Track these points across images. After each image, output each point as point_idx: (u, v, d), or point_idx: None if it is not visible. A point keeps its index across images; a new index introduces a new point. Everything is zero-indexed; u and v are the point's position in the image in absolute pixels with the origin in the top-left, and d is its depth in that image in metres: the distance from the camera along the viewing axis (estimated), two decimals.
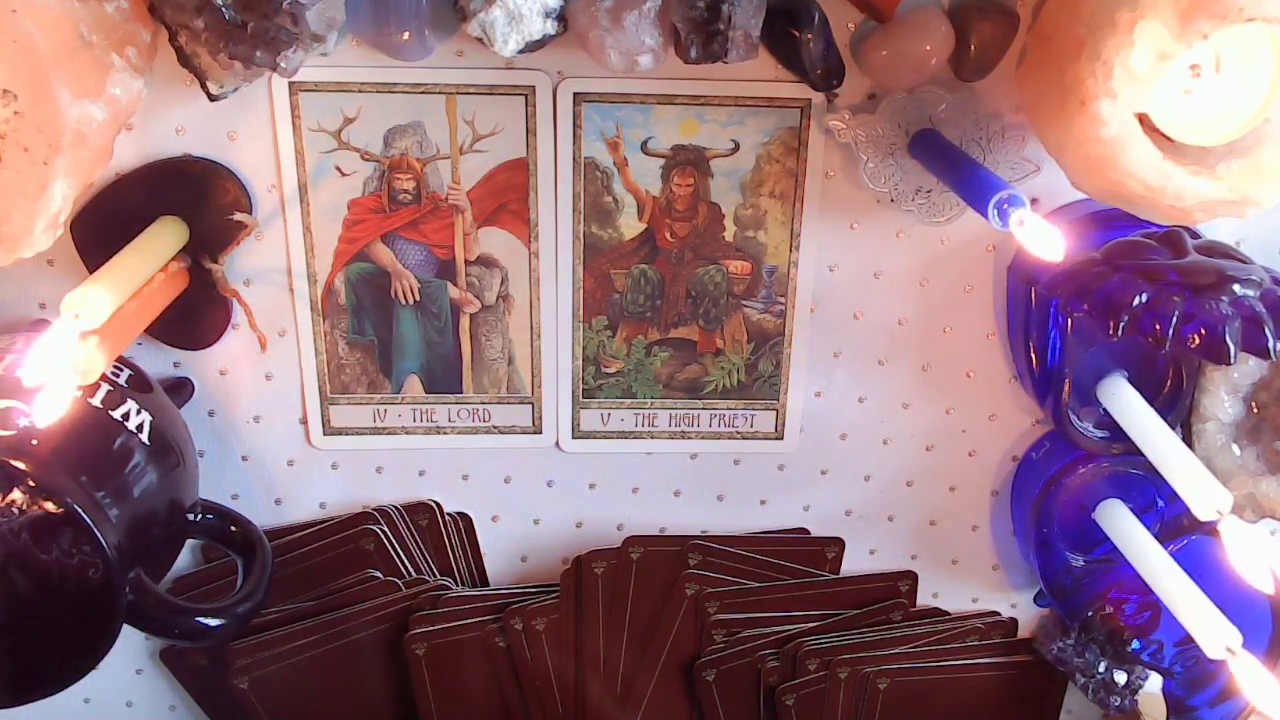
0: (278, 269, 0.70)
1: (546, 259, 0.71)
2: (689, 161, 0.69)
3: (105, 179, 0.66)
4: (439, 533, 0.77)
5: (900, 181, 0.67)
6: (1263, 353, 0.59)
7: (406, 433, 0.75)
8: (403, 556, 0.77)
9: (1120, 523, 0.74)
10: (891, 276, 0.72)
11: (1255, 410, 0.72)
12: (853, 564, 0.81)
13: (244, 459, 0.75)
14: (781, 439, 0.76)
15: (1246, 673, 0.63)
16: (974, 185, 0.59)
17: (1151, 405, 0.69)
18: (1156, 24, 0.53)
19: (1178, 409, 0.72)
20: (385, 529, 0.76)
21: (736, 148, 0.68)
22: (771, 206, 0.70)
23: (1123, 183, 0.57)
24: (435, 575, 0.78)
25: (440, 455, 0.76)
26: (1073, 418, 0.72)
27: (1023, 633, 0.84)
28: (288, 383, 0.73)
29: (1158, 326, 0.59)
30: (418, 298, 0.71)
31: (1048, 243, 0.54)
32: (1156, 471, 0.67)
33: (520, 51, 0.60)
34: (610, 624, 0.79)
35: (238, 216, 0.66)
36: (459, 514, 0.78)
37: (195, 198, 0.66)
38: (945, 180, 0.63)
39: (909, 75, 0.64)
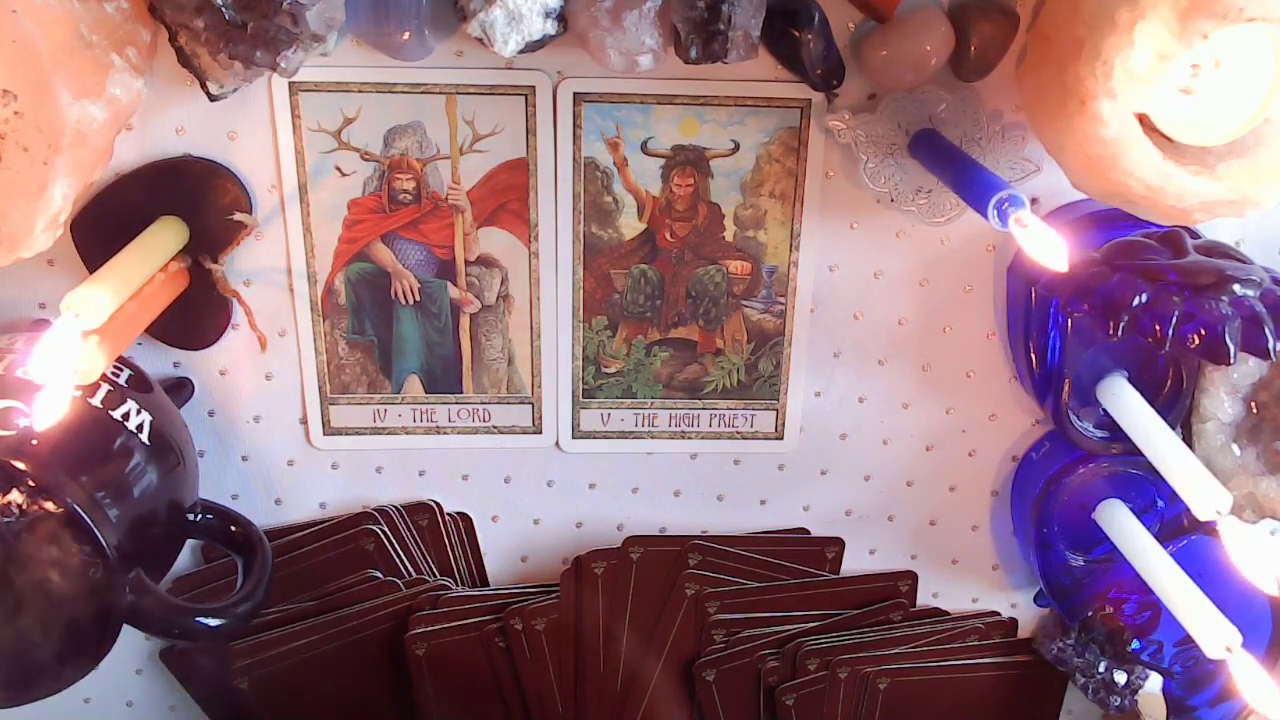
0: (278, 269, 0.70)
1: (546, 259, 0.71)
2: (689, 161, 0.69)
3: (105, 179, 0.66)
4: (439, 533, 0.77)
5: (900, 181, 0.67)
6: (1263, 353, 0.59)
7: (406, 433, 0.75)
8: (403, 556, 0.77)
9: (1120, 523, 0.74)
10: (891, 276, 0.72)
11: (1255, 410, 0.72)
12: (853, 564, 0.81)
13: (244, 459, 0.75)
14: (781, 439, 0.76)
15: (1245, 673, 0.63)
16: (974, 185, 0.59)
17: (1151, 405, 0.69)
18: (1156, 24, 0.53)
19: (1178, 409, 0.72)
20: (385, 529, 0.76)
21: (736, 148, 0.68)
22: (771, 206, 0.70)
23: (1123, 183, 0.57)
24: (435, 575, 0.78)
25: (440, 455, 0.76)
26: (1073, 418, 0.72)
27: (1023, 633, 0.84)
28: (288, 383, 0.73)
29: (1158, 326, 0.59)
30: (418, 298, 0.71)
31: (1049, 248, 0.53)
32: (1156, 471, 0.67)
33: (520, 51, 0.60)
34: (610, 624, 0.79)
35: (238, 216, 0.66)
36: (459, 514, 0.78)
37: (195, 198, 0.66)
38: (945, 180, 0.63)
39: (909, 75, 0.63)
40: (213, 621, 0.61)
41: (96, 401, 0.60)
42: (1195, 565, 0.70)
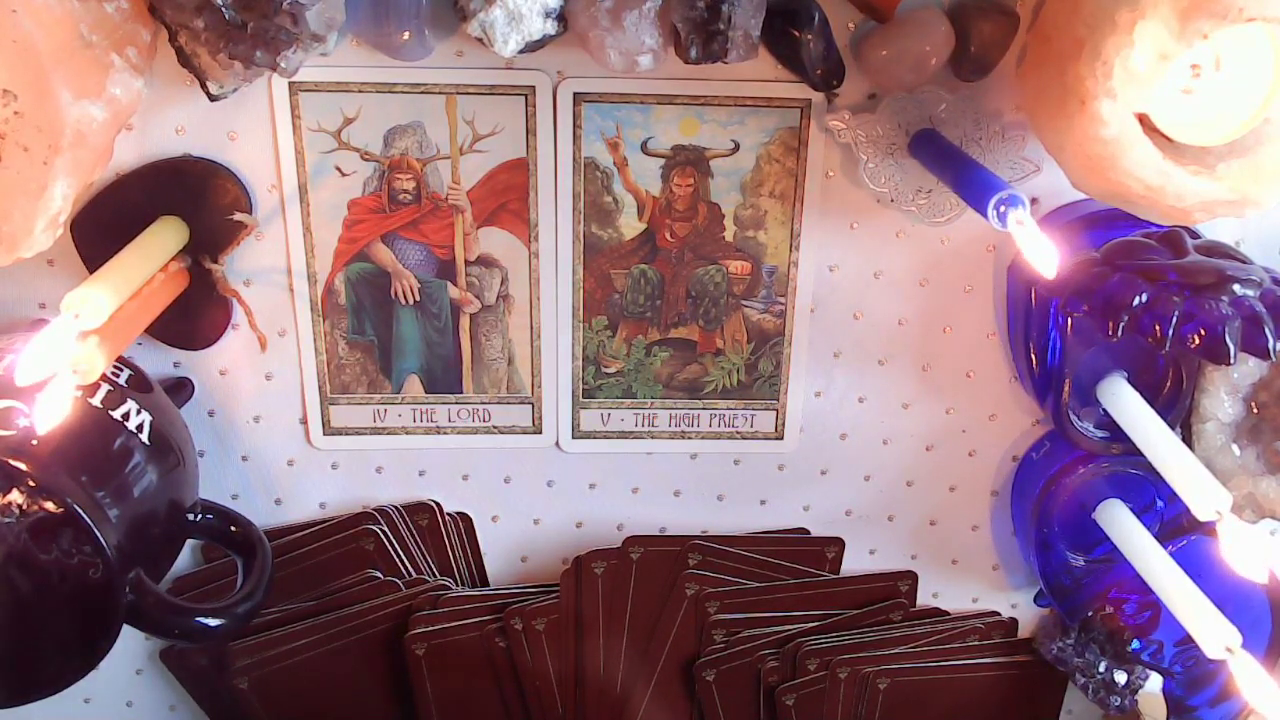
0: (278, 269, 0.70)
1: (546, 259, 0.71)
2: (689, 161, 0.69)
3: (105, 179, 0.66)
4: (439, 533, 0.77)
5: (900, 181, 0.67)
6: (1263, 353, 0.59)
7: (406, 433, 0.75)
8: (403, 556, 0.77)
9: (1120, 523, 0.74)
10: (891, 276, 0.72)
11: (1255, 410, 0.72)
12: (853, 564, 0.81)
13: (244, 459, 0.75)
14: (781, 439, 0.76)
15: (1245, 673, 0.63)
16: (974, 185, 0.59)
17: (1151, 405, 0.69)
18: (1156, 24, 0.53)
19: (1178, 409, 0.72)
20: (385, 529, 0.76)
21: (736, 148, 0.68)
22: (771, 206, 0.70)
23: (1123, 183, 0.57)
24: (435, 575, 0.78)
25: (440, 455, 0.76)
26: (1073, 418, 0.72)
27: (1023, 633, 0.84)
28: (288, 383, 0.73)
29: (1158, 326, 0.59)
30: (418, 298, 0.71)
31: (1043, 255, 0.54)
32: (1156, 471, 0.67)
33: (520, 51, 0.60)
34: (610, 624, 0.79)
35: (238, 216, 0.66)
36: (459, 514, 0.78)
37: (195, 198, 0.66)
38: (945, 180, 0.63)
39: (909, 75, 0.64)
40: (213, 621, 0.61)
41: (96, 401, 0.60)
42: (1195, 565, 0.70)
